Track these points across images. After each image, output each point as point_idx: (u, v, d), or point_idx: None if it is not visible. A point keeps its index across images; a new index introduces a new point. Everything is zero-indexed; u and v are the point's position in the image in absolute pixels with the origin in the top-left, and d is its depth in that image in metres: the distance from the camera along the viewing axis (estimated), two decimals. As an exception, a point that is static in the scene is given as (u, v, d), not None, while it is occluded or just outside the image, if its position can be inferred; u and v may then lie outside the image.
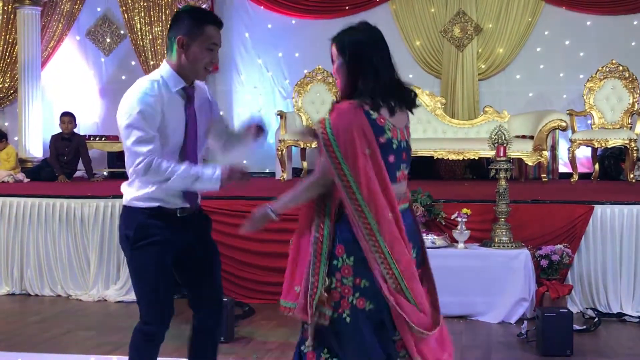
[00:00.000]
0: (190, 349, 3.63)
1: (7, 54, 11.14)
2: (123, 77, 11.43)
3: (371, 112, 2.94)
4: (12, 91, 11.26)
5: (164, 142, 3.29)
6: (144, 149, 3.19)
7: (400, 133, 3.06)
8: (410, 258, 2.98)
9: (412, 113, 3.15)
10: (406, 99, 3.09)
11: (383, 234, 2.91)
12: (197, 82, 3.49)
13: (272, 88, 11.44)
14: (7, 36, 11.05)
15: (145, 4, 11.31)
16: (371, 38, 3.09)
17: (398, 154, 3.04)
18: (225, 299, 5.59)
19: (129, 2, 11.31)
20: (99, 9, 11.60)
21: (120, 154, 10.19)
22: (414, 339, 2.96)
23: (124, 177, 10.61)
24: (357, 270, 2.97)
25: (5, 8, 10.90)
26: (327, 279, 3.01)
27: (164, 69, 3.35)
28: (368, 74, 3.00)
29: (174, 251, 3.42)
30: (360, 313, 2.97)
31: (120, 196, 3.52)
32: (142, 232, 3.35)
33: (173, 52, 3.34)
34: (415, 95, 3.13)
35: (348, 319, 2.98)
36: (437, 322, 3.06)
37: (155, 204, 3.34)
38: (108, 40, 11.63)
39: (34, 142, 10.69)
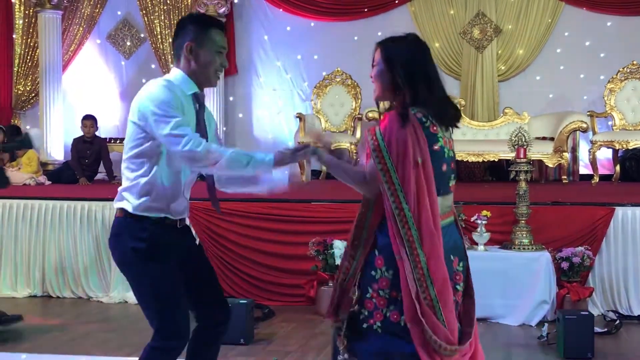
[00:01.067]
0: (193, 354, 3.48)
1: (29, 57, 11.23)
2: (143, 80, 11.44)
3: (424, 120, 2.92)
4: (33, 95, 11.34)
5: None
6: (185, 130, 3.10)
7: (450, 143, 3.05)
8: (446, 276, 2.94)
9: (458, 127, 3.13)
10: (455, 114, 3.09)
11: (424, 247, 2.88)
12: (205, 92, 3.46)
13: (291, 90, 11.46)
14: (29, 40, 11.14)
15: (165, 8, 11.37)
16: (424, 51, 3.08)
17: (449, 163, 3.03)
18: (245, 301, 5.65)
19: (149, 5, 11.38)
20: (119, 13, 11.68)
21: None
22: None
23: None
24: (395, 284, 2.95)
25: (27, 12, 10.99)
26: (357, 290, 3.03)
27: (176, 74, 3.30)
28: (422, 86, 2.98)
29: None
30: (392, 326, 2.96)
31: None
32: (154, 243, 3.24)
33: (182, 59, 3.31)
34: (459, 110, 3.14)
35: (379, 330, 2.98)
36: (469, 336, 3.06)
37: (162, 215, 3.26)
38: (128, 43, 11.70)
39: (56, 145, 10.76)
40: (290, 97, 11.45)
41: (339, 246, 6.27)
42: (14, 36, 11.09)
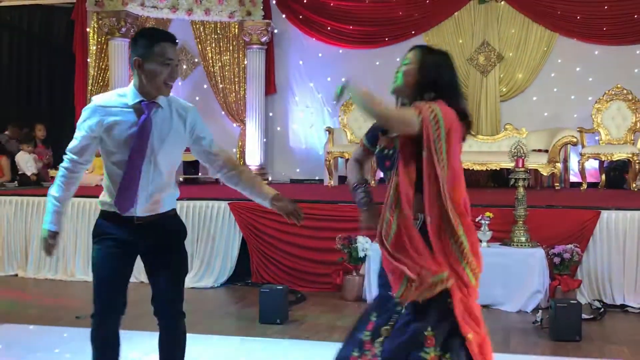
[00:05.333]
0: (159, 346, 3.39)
1: (100, 78, 11.32)
2: (197, 98, 11.55)
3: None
4: (104, 109, 11.46)
5: (110, 151, 3.12)
6: (68, 149, 3.16)
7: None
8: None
9: (472, 134, 3.04)
10: (469, 124, 2.94)
11: (461, 217, 2.80)
12: (173, 103, 3.28)
13: (322, 108, 11.47)
14: (101, 63, 11.24)
15: (215, 37, 11.44)
16: (452, 65, 2.95)
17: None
18: (280, 287, 5.66)
19: (202, 35, 11.45)
20: (177, 41, 11.73)
21: (193, 162, 10.29)
22: None
23: (197, 182, 10.71)
24: None
25: (99, 40, 11.09)
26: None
27: (129, 86, 3.16)
28: (446, 92, 2.85)
29: (131, 252, 3.22)
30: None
31: (194, 198, 3.49)
32: (96, 231, 3.22)
33: (135, 74, 3.13)
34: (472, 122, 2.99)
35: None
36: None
37: (112, 210, 3.16)
38: (184, 67, 11.77)
39: (122, 152, 10.84)
40: (321, 114, 11.46)
41: (362, 241, 6.27)
42: (88, 60, 11.19)
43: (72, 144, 3.16)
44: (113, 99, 3.18)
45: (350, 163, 3.26)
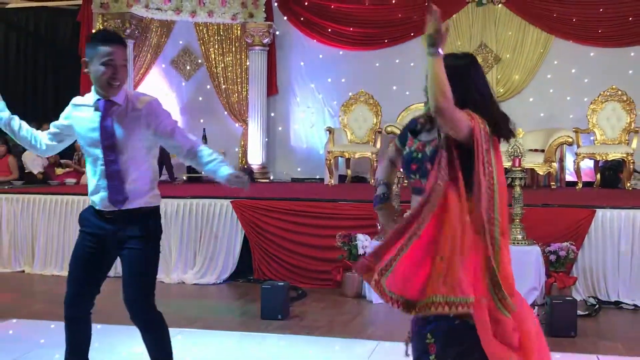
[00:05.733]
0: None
1: (106, 78, 11.36)
2: (200, 99, 11.59)
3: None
4: (109, 109, 11.46)
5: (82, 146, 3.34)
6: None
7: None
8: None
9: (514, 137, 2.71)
10: (510, 132, 2.68)
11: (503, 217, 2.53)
12: (131, 99, 3.30)
13: (323, 108, 11.47)
14: (106, 64, 11.27)
15: (218, 38, 11.45)
16: (480, 70, 2.77)
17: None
18: (282, 283, 5.68)
19: (206, 36, 11.46)
20: (181, 42, 11.75)
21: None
22: None
23: (200, 181, 10.66)
24: None
25: (105, 41, 11.12)
26: None
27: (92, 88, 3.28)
28: (472, 99, 2.61)
29: (103, 242, 3.44)
30: None
31: (198, 197, 3.54)
32: (79, 222, 3.48)
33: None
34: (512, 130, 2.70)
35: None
36: None
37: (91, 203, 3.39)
38: (188, 67, 11.78)
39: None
40: (322, 114, 11.47)
41: (361, 239, 6.28)
42: (93, 61, 11.23)
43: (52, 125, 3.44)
44: (85, 98, 3.34)
45: (383, 163, 3.09)
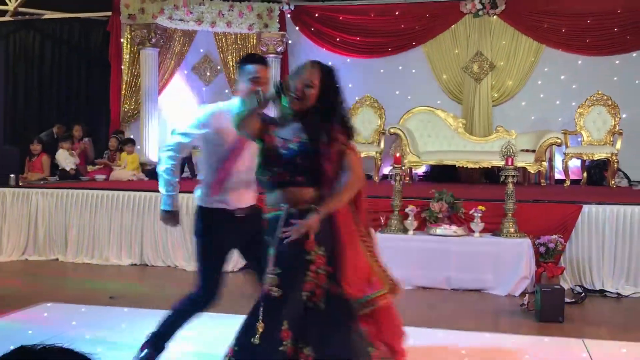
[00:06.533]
0: None
1: (133, 83, 11.37)
2: (219, 102, 11.58)
3: None
4: (136, 111, 11.48)
5: None
6: None
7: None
8: None
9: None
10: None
11: None
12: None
13: (332, 111, 11.45)
14: (133, 70, 11.28)
15: (236, 46, 11.46)
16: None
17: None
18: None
19: (224, 45, 11.47)
20: (201, 50, 11.76)
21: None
22: None
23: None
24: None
25: (132, 49, 11.13)
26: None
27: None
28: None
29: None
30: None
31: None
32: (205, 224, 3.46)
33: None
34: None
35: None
36: None
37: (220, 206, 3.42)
38: (208, 73, 11.79)
39: (152, 150, 10.88)
40: (330, 116, 11.44)
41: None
42: (122, 67, 11.24)
43: None
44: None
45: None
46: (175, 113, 11.77)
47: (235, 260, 6.92)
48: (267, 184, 2.86)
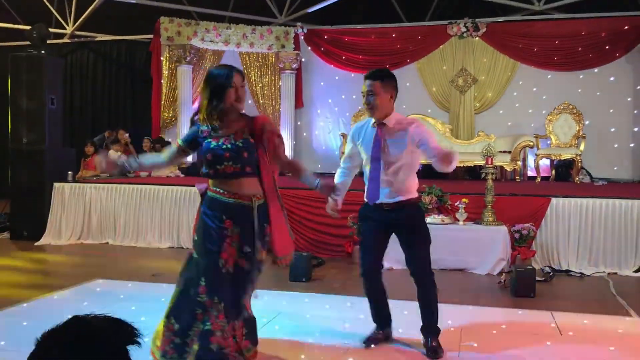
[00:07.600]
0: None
1: (171, 95, 11.40)
2: (243, 112, 11.57)
3: None
4: (174, 119, 11.51)
5: None
6: None
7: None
8: None
9: None
10: None
11: None
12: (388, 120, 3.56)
13: (338, 118, 11.45)
14: (171, 84, 11.31)
15: (257, 64, 11.47)
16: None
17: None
18: (305, 254, 5.68)
19: (248, 62, 11.48)
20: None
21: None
22: None
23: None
24: None
25: (170, 66, 11.16)
26: None
27: None
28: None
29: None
30: None
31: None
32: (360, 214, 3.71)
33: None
34: None
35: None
36: None
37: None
38: (234, 87, 11.80)
39: (187, 151, 10.88)
40: (337, 123, 11.45)
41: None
42: (162, 82, 11.27)
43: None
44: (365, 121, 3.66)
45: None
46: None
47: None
48: (224, 175, 3.13)
